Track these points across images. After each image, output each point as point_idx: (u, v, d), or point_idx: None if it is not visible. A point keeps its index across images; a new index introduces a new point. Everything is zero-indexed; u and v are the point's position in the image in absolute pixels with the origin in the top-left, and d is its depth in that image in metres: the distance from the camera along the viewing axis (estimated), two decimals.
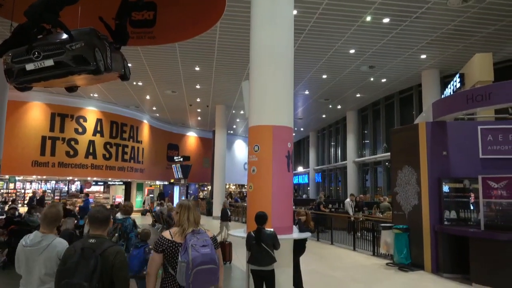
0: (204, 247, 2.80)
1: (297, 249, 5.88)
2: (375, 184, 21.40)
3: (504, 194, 6.83)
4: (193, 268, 2.68)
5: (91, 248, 2.51)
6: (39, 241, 2.82)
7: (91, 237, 2.62)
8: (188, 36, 8.90)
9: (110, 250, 2.54)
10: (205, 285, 2.78)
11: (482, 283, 6.76)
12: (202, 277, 2.71)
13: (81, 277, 2.37)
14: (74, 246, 2.57)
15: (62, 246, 2.81)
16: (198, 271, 2.69)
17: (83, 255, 2.47)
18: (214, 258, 2.80)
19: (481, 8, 9.66)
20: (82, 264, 2.42)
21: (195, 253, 2.73)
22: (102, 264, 2.46)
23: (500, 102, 7.26)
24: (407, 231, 8.45)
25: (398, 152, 9.24)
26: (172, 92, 18.70)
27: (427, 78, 14.78)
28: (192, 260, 2.70)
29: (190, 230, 2.91)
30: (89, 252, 2.48)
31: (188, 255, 2.72)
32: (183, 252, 2.78)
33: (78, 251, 2.49)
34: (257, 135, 5.67)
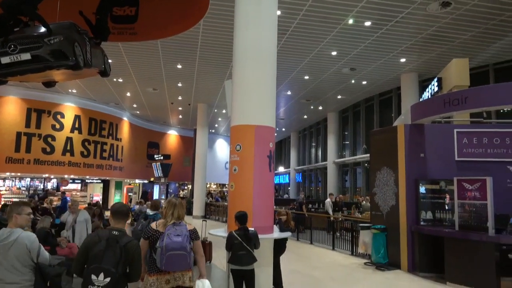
0: (177, 236, 3.33)
1: (277, 249, 5.91)
2: (355, 185, 21.72)
3: (478, 196, 7.04)
4: (166, 252, 3.26)
5: (115, 239, 2.91)
6: (6, 237, 3.04)
7: (114, 229, 3.03)
8: (171, 33, 8.80)
9: (131, 243, 3.00)
10: (175, 268, 3.34)
11: (456, 282, 6.96)
12: (172, 261, 3.27)
13: (108, 263, 2.79)
14: (99, 235, 2.98)
15: (30, 239, 3.11)
16: (169, 255, 3.26)
17: (108, 244, 2.87)
18: (184, 246, 3.31)
19: (458, 14, 9.94)
20: (109, 252, 2.83)
21: (168, 240, 3.29)
22: (127, 254, 2.91)
23: (475, 106, 7.49)
24: (384, 231, 8.61)
25: (377, 154, 9.41)
26: (153, 89, 18.47)
27: (406, 81, 15.10)
28: (165, 246, 3.27)
29: (171, 223, 3.45)
30: (114, 242, 2.89)
31: (163, 242, 3.29)
32: (160, 240, 3.34)
33: (104, 241, 2.89)
34: (239, 135, 5.66)
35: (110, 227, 3.13)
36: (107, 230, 3.06)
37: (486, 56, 12.87)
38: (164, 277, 3.39)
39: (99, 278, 2.76)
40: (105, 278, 2.76)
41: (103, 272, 2.77)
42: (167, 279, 3.40)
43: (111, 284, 2.76)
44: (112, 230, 3.04)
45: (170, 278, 3.41)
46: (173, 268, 3.34)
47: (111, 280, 2.76)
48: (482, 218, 6.89)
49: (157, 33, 8.39)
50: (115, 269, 2.80)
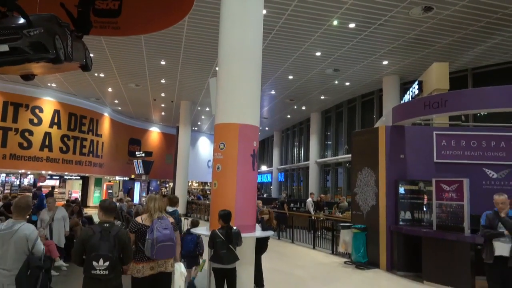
0: (165, 229, 3.88)
1: (259, 247, 5.92)
2: (336, 185, 21.96)
3: (455, 197, 7.23)
4: (157, 244, 3.77)
5: (107, 230, 3.46)
6: (11, 226, 3.53)
7: (105, 222, 3.57)
8: (155, 29, 8.68)
9: (121, 231, 3.58)
10: (164, 256, 3.88)
11: (432, 281, 7.12)
12: (162, 250, 3.81)
13: (105, 250, 3.33)
14: (93, 229, 3.50)
15: (30, 229, 3.58)
16: (160, 246, 3.78)
17: (102, 235, 3.41)
18: (172, 238, 3.90)
19: (440, 19, 10.16)
20: (104, 242, 3.36)
21: (159, 233, 3.81)
22: (120, 242, 3.48)
23: (455, 109, 7.68)
24: (364, 231, 8.74)
25: (359, 154, 9.53)
26: (135, 85, 18.21)
27: (387, 83, 15.36)
28: (156, 238, 3.78)
29: (156, 216, 3.96)
30: (107, 233, 3.43)
31: (153, 235, 3.79)
32: (150, 233, 3.84)
33: (98, 233, 3.42)
34: (223, 133, 5.64)
35: (101, 221, 3.62)
36: (98, 224, 3.57)
37: (465, 61, 13.22)
38: (149, 264, 3.87)
39: (99, 263, 3.31)
40: (104, 263, 3.31)
41: (102, 258, 3.31)
42: (152, 266, 3.88)
43: (110, 266, 3.33)
44: (103, 223, 3.55)
45: (154, 265, 3.89)
46: (163, 257, 3.86)
47: (110, 263, 3.33)
48: (459, 218, 7.08)
49: (141, 28, 8.26)
50: (112, 254, 3.36)
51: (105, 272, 3.31)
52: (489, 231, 4.81)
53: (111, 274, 3.35)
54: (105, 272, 3.31)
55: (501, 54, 12.44)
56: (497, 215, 4.83)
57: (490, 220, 4.88)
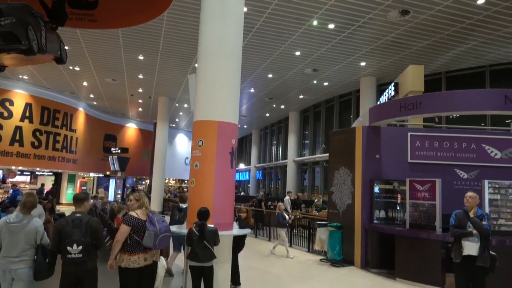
0: (163, 221, 4.31)
1: (236, 245, 5.92)
2: (313, 183, 22.20)
3: (427, 196, 7.44)
4: (160, 234, 4.15)
5: (79, 219, 3.87)
6: (21, 220, 3.98)
7: (76, 213, 3.96)
8: (133, 23, 8.52)
9: (92, 219, 3.97)
10: (164, 246, 4.39)
11: (405, 278, 7.31)
12: (164, 240, 4.22)
13: (78, 236, 3.75)
14: (66, 220, 3.91)
15: (39, 223, 4.08)
16: (162, 237, 4.18)
17: (74, 224, 3.82)
18: (170, 229, 4.39)
19: (416, 23, 10.41)
20: (76, 229, 3.78)
21: (161, 225, 4.21)
22: (91, 228, 3.86)
23: (429, 111, 7.90)
24: (340, 229, 8.88)
25: (336, 154, 9.66)
26: (112, 80, 17.81)
27: (365, 84, 15.63)
28: (160, 230, 4.16)
29: (148, 211, 4.30)
30: (78, 222, 3.84)
31: (155, 227, 4.14)
32: (151, 225, 4.14)
33: (70, 222, 3.83)
34: (202, 130, 5.60)
35: (73, 212, 4.02)
36: (71, 215, 3.97)
37: (440, 64, 13.60)
38: (143, 255, 4.12)
39: (73, 248, 3.70)
40: (78, 247, 3.72)
41: (75, 243, 3.72)
42: (145, 257, 4.14)
43: (83, 250, 3.74)
44: (75, 213, 3.96)
45: (147, 256, 4.17)
46: (164, 246, 4.32)
47: (83, 247, 3.74)
48: (431, 217, 7.30)
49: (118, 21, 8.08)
50: (84, 239, 3.76)
51: (79, 255, 3.72)
52: (458, 231, 4.96)
53: (85, 257, 3.76)
54: (79, 255, 3.72)
55: (473, 59, 12.88)
56: (466, 214, 4.99)
57: (459, 219, 5.02)
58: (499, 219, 6.81)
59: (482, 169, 8.29)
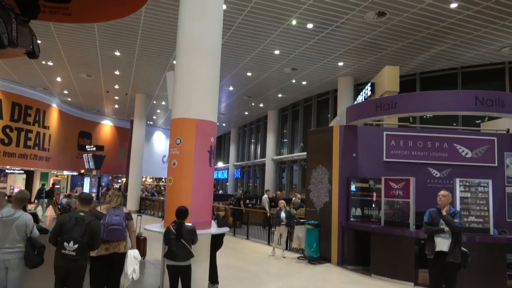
0: (116, 216, 4.64)
1: (214, 244, 5.90)
2: (291, 182, 22.36)
3: (401, 194, 7.62)
4: (107, 227, 4.52)
5: (82, 218, 4.09)
6: (12, 214, 4.19)
7: (81, 211, 4.22)
8: (109, 17, 8.32)
9: (94, 221, 4.21)
10: (113, 238, 4.58)
11: (380, 274, 7.47)
12: (111, 233, 4.54)
13: (76, 234, 3.97)
14: (70, 216, 4.16)
15: (29, 217, 4.28)
16: (109, 229, 4.52)
17: (77, 222, 4.05)
18: (121, 223, 4.62)
19: (392, 25, 10.64)
20: (76, 228, 4.00)
21: (109, 218, 4.58)
22: (90, 230, 4.08)
23: (403, 111, 8.10)
24: (317, 227, 8.98)
25: (314, 152, 9.76)
26: (87, 76, 17.38)
27: (342, 84, 15.85)
28: (107, 222, 4.54)
29: (111, 207, 4.74)
30: (81, 221, 4.07)
31: (105, 220, 4.57)
32: (104, 218, 4.61)
33: (73, 219, 4.06)
34: (180, 128, 5.54)
35: (77, 210, 4.36)
36: (76, 212, 4.28)
37: (414, 65, 13.95)
38: (104, 246, 4.51)
39: (70, 245, 3.95)
40: (74, 245, 3.95)
41: (72, 241, 3.95)
42: (106, 247, 4.54)
43: (78, 249, 3.96)
44: (79, 212, 4.22)
45: (108, 247, 4.55)
46: (112, 238, 4.56)
47: (78, 246, 3.95)
48: (405, 215, 7.48)
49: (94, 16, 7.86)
50: (82, 238, 3.98)
51: (73, 253, 3.95)
52: (431, 228, 5.12)
53: (78, 256, 3.98)
54: (73, 253, 3.95)
55: (446, 61, 13.27)
56: (439, 212, 5.15)
57: (432, 217, 5.18)
58: (470, 216, 7.04)
59: (454, 168, 8.56)
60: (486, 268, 6.63)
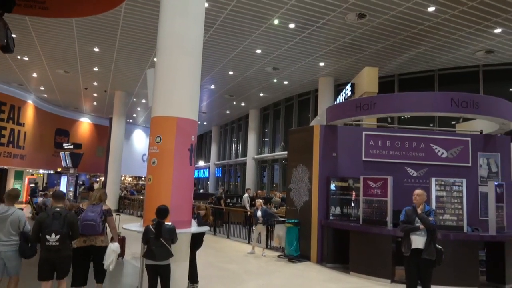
0: (91, 212, 4.96)
1: (194, 243, 5.86)
2: (272, 181, 22.45)
3: (379, 193, 7.76)
4: (82, 222, 4.90)
5: (58, 213, 4.52)
6: (6, 210, 4.67)
7: (56, 207, 4.62)
8: (88, 13, 8.12)
9: (70, 213, 4.70)
10: (87, 232, 4.91)
11: (358, 272, 7.60)
12: (85, 227, 4.90)
13: (56, 227, 4.40)
14: (47, 213, 4.59)
15: (21, 213, 4.79)
16: (84, 224, 4.89)
17: (54, 217, 4.46)
18: (94, 219, 4.91)
19: (372, 26, 10.82)
20: (55, 221, 4.43)
21: (85, 214, 4.97)
22: (68, 221, 4.51)
23: (382, 112, 8.25)
24: (298, 225, 9.05)
25: (294, 151, 9.83)
26: (64, 72, 16.97)
27: (323, 84, 16.02)
28: (82, 218, 4.92)
29: (92, 203, 5.11)
30: (58, 215, 4.49)
31: (82, 215, 4.97)
32: (81, 214, 5.01)
33: (51, 215, 4.48)
34: (160, 126, 5.48)
35: (53, 206, 4.75)
36: (51, 208, 4.64)
37: (393, 67, 14.23)
38: (82, 238, 4.92)
39: (52, 237, 4.37)
40: (55, 236, 4.38)
41: (54, 232, 4.38)
42: (84, 240, 4.95)
43: (60, 239, 4.40)
44: (55, 208, 4.63)
45: (86, 239, 4.95)
46: (86, 232, 4.92)
47: (60, 237, 4.40)
48: (383, 213, 7.62)
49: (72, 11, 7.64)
50: (61, 229, 4.42)
51: (56, 243, 4.37)
52: (407, 226, 5.25)
53: (61, 246, 4.41)
54: (56, 244, 4.38)
55: (423, 63, 13.59)
56: (415, 210, 5.28)
57: (408, 215, 5.31)
58: (445, 215, 7.24)
59: (430, 168, 8.78)
60: (459, 265, 6.83)
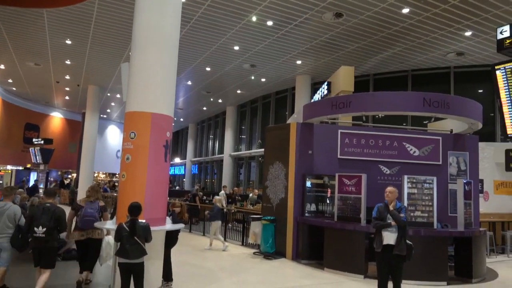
0: (91, 209, 5.70)
1: (169, 241, 5.79)
2: (248, 178, 22.47)
3: (354, 190, 7.90)
4: (83, 217, 5.63)
5: (48, 208, 5.05)
6: (3, 205, 5.25)
7: (47, 203, 5.20)
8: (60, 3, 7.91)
9: (58, 209, 5.15)
10: (87, 226, 5.64)
11: (332, 268, 7.70)
12: (85, 222, 5.62)
13: (44, 220, 4.92)
14: (38, 207, 5.25)
15: (17, 208, 5.39)
16: (85, 219, 5.61)
17: (44, 211, 5.00)
18: (94, 215, 5.67)
19: (348, 26, 10.96)
20: (44, 215, 4.95)
21: (85, 210, 5.66)
22: (55, 216, 5.02)
23: (357, 110, 8.37)
24: (273, 222, 9.09)
25: (271, 149, 9.85)
26: (35, 64, 16.38)
27: (300, 82, 16.13)
28: (83, 214, 5.64)
29: (90, 200, 5.82)
30: (47, 210, 5.02)
31: (82, 211, 5.69)
32: (81, 210, 5.72)
33: (41, 209, 5.04)
34: (134, 122, 5.37)
35: (44, 201, 5.41)
36: (43, 204, 5.25)
37: (368, 67, 14.49)
38: (80, 232, 5.63)
39: (39, 229, 4.89)
40: (42, 228, 4.89)
41: (41, 225, 4.89)
42: (82, 234, 5.63)
43: (46, 231, 4.90)
44: (46, 203, 5.21)
45: (84, 233, 5.63)
46: (86, 227, 5.61)
47: (46, 229, 4.90)
48: (357, 210, 7.76)
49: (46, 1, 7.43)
50: (48, 223, 4.92)
51: (43, 235, 4.90)
52: (379, 223, 5.35)
53: (47, 237, 4.92)
54: (43, 235, 4.90)
55: (398, 63, 13.91)
56: (387, 207, 5.39)
57: (380, 212, 5.42)
58: (416, 211, 7.44)
59: (403, 165, 8.99)
60: (429, 260, 7.03)
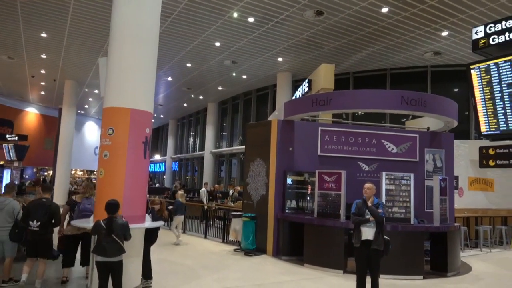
0: (88, 204, 5.78)
1: (148, 238, 5.72)
2: (230, 175, 22.42)
3: (334, 187, 7.98)
4: (80, 212, 5.70)
5: (43, 203, 5.42)
6: (4, 201, 5.64)
7: (43, 198, 5.54)
8: None
9: (54, 204, 5.54)
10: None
11: (312, 263, 7.78)
12: (83, 217, 5.57)
13: (39, 215, 5.29)
14: (34, 202, 5.59)
15: (16, 203, 5.75)
16: (81, 214, 5.65)
17: (40, 205, 5.38)
18: (91, 210, 5.61)
19: (329, 24, 11.05)
20: (40, 209, 5.32)
21: (82, 206, 5.78)
22: (50, 210, 5.39)
23: (337, 108, 8.46)
24: (254, 219, 9.10)
25: (252, 146, 9.85)
26: (8, 58, 15.85)
27: (281, 79, 16.18)
28: (80, 209, 5.74)
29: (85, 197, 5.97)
30: (43, 204, 5.39)
31: (80, 207, 5.80)
32: (78, 206, 5.86)
33: (37, 204, 5.41)
34: (113, 118, 5.26)
35: (41, 197, 5.67)
36: (39, 199, 5.56)
37: (348, 65, 14.65)
38: (76, 227, 5.60)
39: (34, 223, 5.25)
40: (37, 222, 5.25)
41: (35, 219, 5.25)
42: (78, 228, 5.61)
43: (40, 225, 5.26)
44: (42, 198, 5.54)
45: (80, 228, 5.57)
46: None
47: (40, 223, 5.25)
48: (336, 206, 7.85)
49: None
50: (43, 217, 5.27)
51: (37, 228, 5.26)
52: (357, 218, 5.44)
53: (41, 231, 5.28)
54: (37, 229, 5.26)
55: (377, 62, 14.12)
56: (365, 203, 5.48)
57: (359, 207, 5.51)
58: (394, 207, 7.59)
59: (381, 162, 9.15)
60: (406, 254, 7.19)
